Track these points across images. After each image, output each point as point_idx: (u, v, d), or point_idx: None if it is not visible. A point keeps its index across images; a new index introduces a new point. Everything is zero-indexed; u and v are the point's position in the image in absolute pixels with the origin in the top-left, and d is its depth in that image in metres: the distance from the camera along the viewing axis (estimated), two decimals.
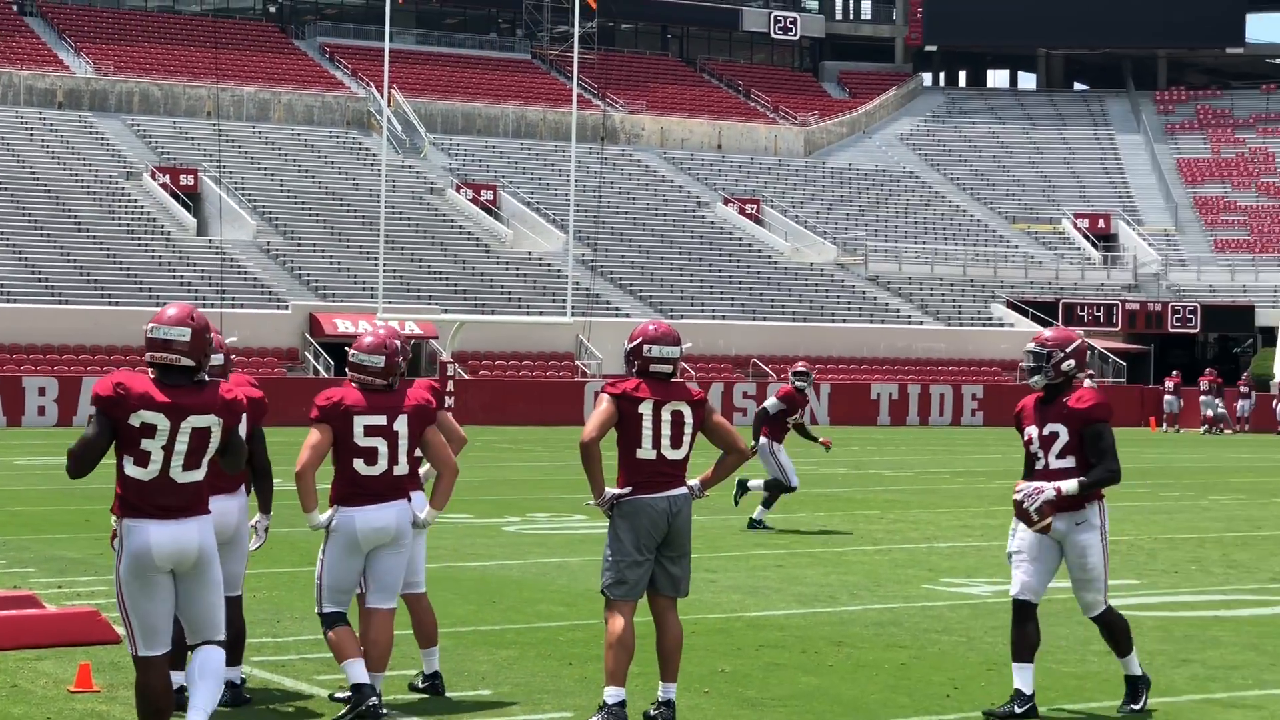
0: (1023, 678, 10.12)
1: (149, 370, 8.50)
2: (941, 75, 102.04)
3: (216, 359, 9.97)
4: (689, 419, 9.89)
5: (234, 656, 10.13)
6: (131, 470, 8.23)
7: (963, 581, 16.29)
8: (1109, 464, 10.09)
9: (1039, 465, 10.18)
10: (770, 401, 21.86)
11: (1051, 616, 14.02)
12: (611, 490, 9.73)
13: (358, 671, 9.70)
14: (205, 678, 8.23)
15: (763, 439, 21.49)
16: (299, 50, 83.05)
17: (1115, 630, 10.38)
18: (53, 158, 66.93)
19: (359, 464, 9.88)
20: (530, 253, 67.15)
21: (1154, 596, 15.54)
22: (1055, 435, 10.10)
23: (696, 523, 21.94)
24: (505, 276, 64.39)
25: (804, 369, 22.36)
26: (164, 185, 65.56)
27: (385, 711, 9.79)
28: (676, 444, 9.84)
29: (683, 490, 9.89)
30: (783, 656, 12.06)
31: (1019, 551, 10.27)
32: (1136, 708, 10.32)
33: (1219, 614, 14.53)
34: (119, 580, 8.26)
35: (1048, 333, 10.52)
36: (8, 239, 58.88)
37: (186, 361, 8.49)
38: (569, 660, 11.71)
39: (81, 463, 8.20)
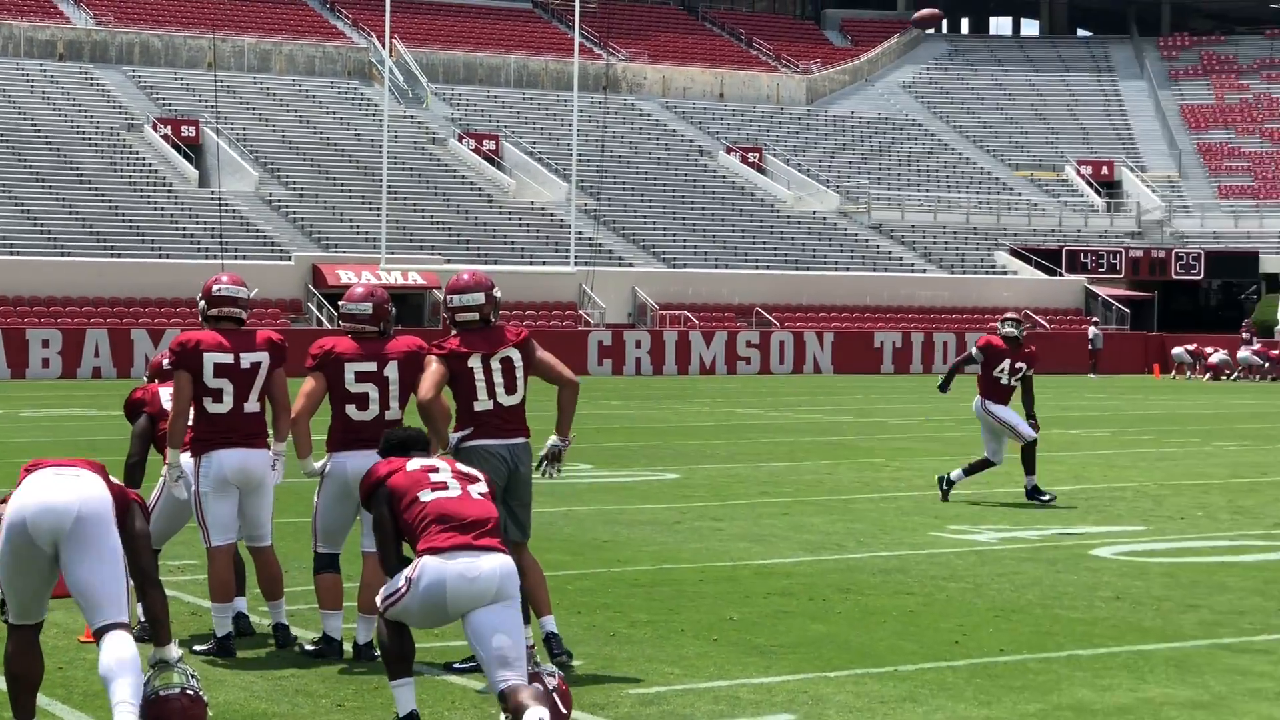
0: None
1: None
2: (944, 23, 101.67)
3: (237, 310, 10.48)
4: (518, 363, 10.03)
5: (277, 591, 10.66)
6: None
7: (968, 529, 16.28)
8: None
9: None
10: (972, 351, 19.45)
11: (1060, 562, 14.05)
12: (454, 435, 9.89)
13: (332, 625, 10.14)
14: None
15: (976, 397, 19.15)
16: (299, 0, 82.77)
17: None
18: (54, 110, 66.78)
19: (351, 410, 10.14)
20: (533, 202, 67.06)
21: (1161, 543, 15.53)
22: None
23: (702, 473, 21.96)
24: (508, 226, 64.31)
25: (1013, 317, 19.48)
26: (165, 137, 65.47)
27: (378, 654, 9.85)
28: (510, 390, 10.00)
29: (521, 440, 10.03)
30: (790, 604, 12.05)
31: None
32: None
33: (1226, 559, 14.52)
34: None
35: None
36: (10, 191, 58.81)
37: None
38: (577, 609, 11.71)
39: None
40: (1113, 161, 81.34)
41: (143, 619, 8.27)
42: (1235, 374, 56.80)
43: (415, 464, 8.34)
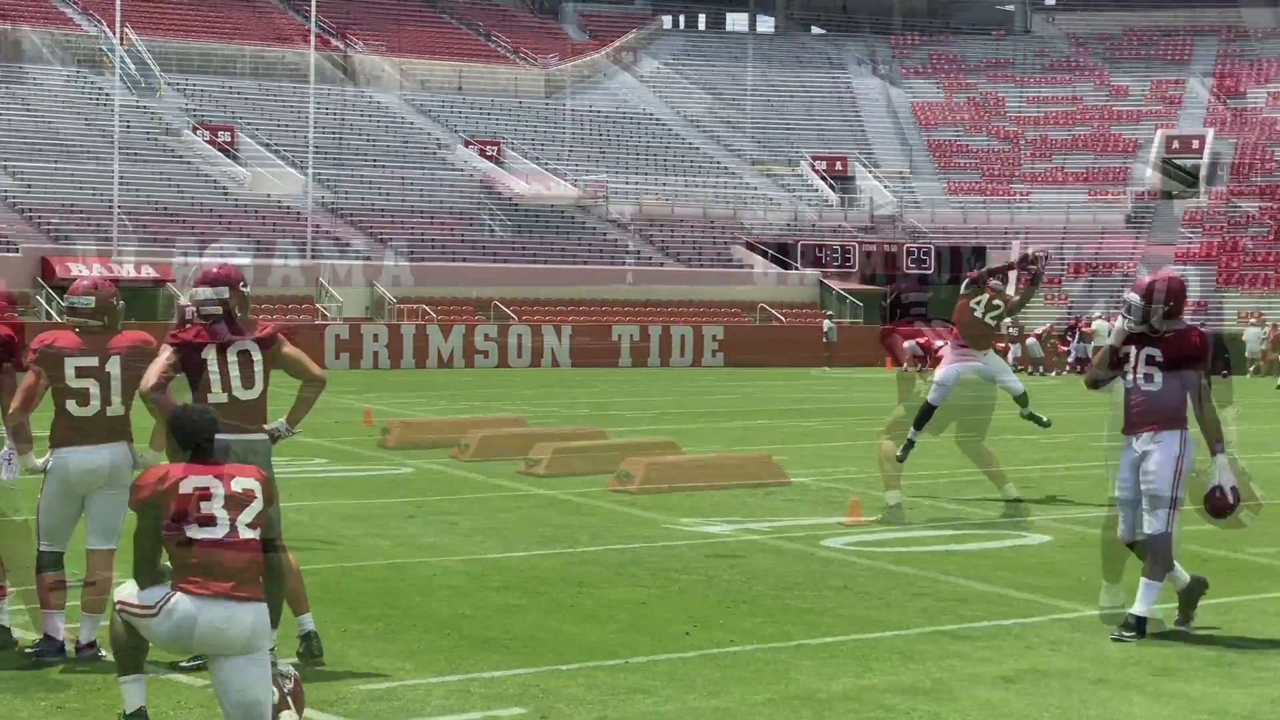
0: None
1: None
2: (681, 18, 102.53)
3: None
4: (258, 358, 9.99)
5: None
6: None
7: (702, 521, 16.45)
8: None
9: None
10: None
11: (790, 553, 14.25)
12: None
13: (54, 625, 9.96)
14: None
15: (946, 368, 18.00)
16: None
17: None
18: None
19: (72, 405, 9.97)
20: (269, 195, 66.27)
21: (889, 533, 15.83)
22: None
23: (437, 468, 21.83)
24: (243, 219, 63.49)
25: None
26: None
27: (103, 655, 9.68)
28: (247, 384, 9.94)
29: (260, 436, 9.97)
30: (523, 598, 12.09)
31: None
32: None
33: (951, 548, 14.85)
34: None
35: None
36: None
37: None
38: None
39: None
40: (846, 157, 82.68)
41: None
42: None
43: (189, 485, 7.96)
